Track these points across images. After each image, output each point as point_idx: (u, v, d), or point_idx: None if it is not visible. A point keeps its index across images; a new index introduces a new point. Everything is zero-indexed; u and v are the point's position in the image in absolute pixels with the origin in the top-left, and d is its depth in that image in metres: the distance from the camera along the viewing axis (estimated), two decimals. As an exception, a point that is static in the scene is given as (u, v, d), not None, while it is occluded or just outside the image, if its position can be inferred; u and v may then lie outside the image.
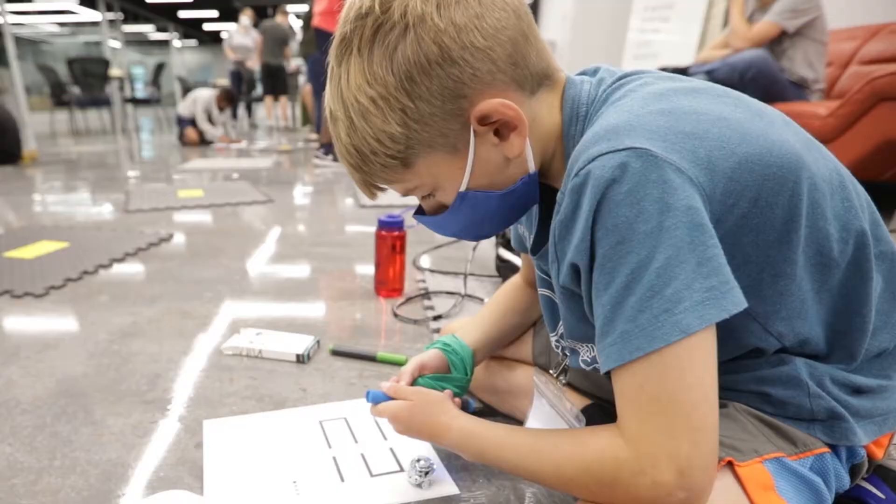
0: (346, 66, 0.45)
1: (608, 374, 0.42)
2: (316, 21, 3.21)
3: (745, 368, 0.48)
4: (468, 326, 0.74)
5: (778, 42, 2.14)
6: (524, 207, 0.53)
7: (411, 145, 0.46)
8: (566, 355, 0.60)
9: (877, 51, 2.22)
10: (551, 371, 0.64)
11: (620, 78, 0.49)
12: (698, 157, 0.40)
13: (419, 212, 0.55)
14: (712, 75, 2.23)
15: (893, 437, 0.53)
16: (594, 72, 0.52)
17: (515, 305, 0.74)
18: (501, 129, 0.46)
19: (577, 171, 0.41)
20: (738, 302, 0.38)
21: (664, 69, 2.40)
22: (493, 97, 0.44)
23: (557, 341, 0.60)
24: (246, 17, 6.31)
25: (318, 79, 3.86)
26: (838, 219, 0.45)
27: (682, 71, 2.42)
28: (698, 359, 0.38)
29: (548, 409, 0.63)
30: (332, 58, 0.46)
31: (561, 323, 0.55)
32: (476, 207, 0.50)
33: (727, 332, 0.44)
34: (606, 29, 4.76)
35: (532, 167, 0.50)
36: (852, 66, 2.31)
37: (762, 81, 2.13)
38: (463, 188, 0.49)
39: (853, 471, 0.49)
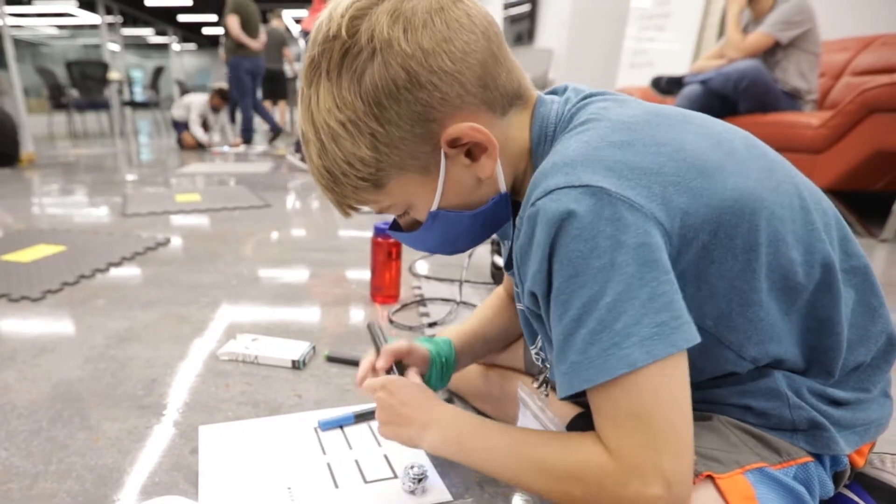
0: (316, 89, 0.45)
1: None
2: (304, 24, 3.23)
3: (726, 383, 0.49)
4: (451, 327, 0.75)
5: (772, 53, 2.17)
6: (496, 225, 0.54)
7: (382, 168, 0.46)
8: (546, 367, 0.61)
9: (868, 62, 2.25)
10: (533, 383, 0.64)
11: (584, 98, 0.50)
12: (654, 192, 0.41)
13: (394, 227, 0.56)
14: (707, 85, 2.26)
15: (874, 446, 0.54)
16: (563, 91, 0.53)
17: (500, 311, 0.75)
18: (472, 150, 0.47)
19: (534, 200, 0.42)
20: (689, 337, 0.39)
21: (660, 78, 2.40)
22: (463, 120, 0.45)
23: (538, 353, 0.61)
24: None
25: None
26: (801, 243, 0.45)
27: (678, 80, 2.45)
28: (670, 378, 0.39)
29: (533, 422, 0.64)
30: (302, 80, 0.47)
31: (540, 336, 0.56)
32: (448, 226, 0.51)
33: (701, 360, 0.45)
34: (603, 37, 4.80)
35: (503, 187, 0.50)
36: (844, 77, 2.34)
37: (755, 91, 2.15)
38: (434, 208, 0.49)
39: (836, 478, 0.50)
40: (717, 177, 0.43)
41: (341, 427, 0.78)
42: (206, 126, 5.06)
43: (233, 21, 4.61)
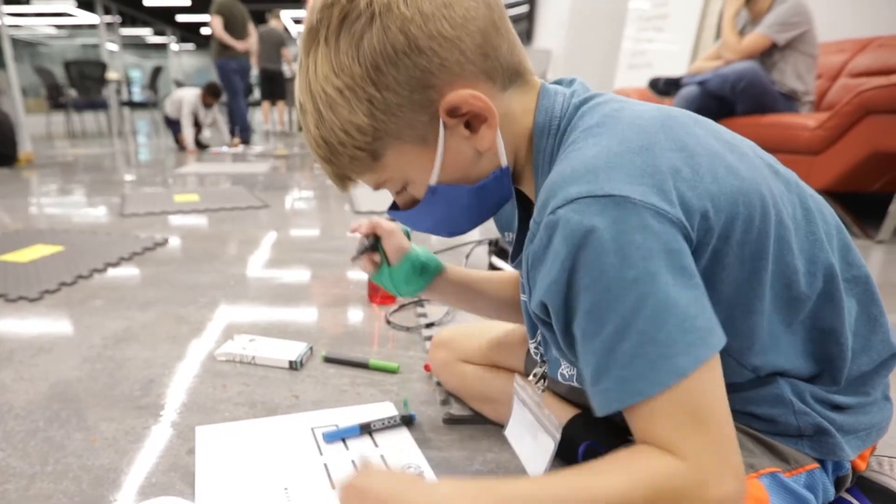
0: (314, 56, 0.44)
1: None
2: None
3: (730, 390, 0.49)
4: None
5: (769, 54, 2.17)
6: (498, 204, 0.53)
7: (379, 136, 0.45)
8: (545, 361, 0.61)
9: (865, 64, 2.26)
10: (532, 377, 0.64)
11: (592, 96, 0.49)
12: (674, 197, 0.40)
13: (393, 207, 0.55)
14: (704, 86, 2.26)
15: (875, 450, 0.54)
16: (570, 83, 0.52)
17: (505, 284, 0.73)
18: (472, 121, 0.46)
19: (554, 208, 0.41)
20: (722, 337, 0.39)
21: (658, 79, 2.40)
22: (463, 88, 0.44)
23: (536, 348, 0.61)
24: None
25: None
26: (804, 253, 0.45)
27: (676, 81, 2.46)
28: (715, 376, 0.39)
29: (528, 417, 0.64)
30: (300, 48, 0.46)
31: (541, 332, 0.56)
32: (448, 202, 0.50)
33: None
34: (601, 38, 4.80)
35: (504, 161, 0.49)
36: (841, 78, 2.35)
37: (753, 93, 2.16)
38: (433, 181, 0.48)
39: (838, 483, 0.50)
40: (731, 181, 0.42)
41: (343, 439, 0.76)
42: (198, 124, 4.98)
43: (216, 22, 4.63)
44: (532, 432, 0.62)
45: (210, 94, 4.85)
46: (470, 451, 0.74)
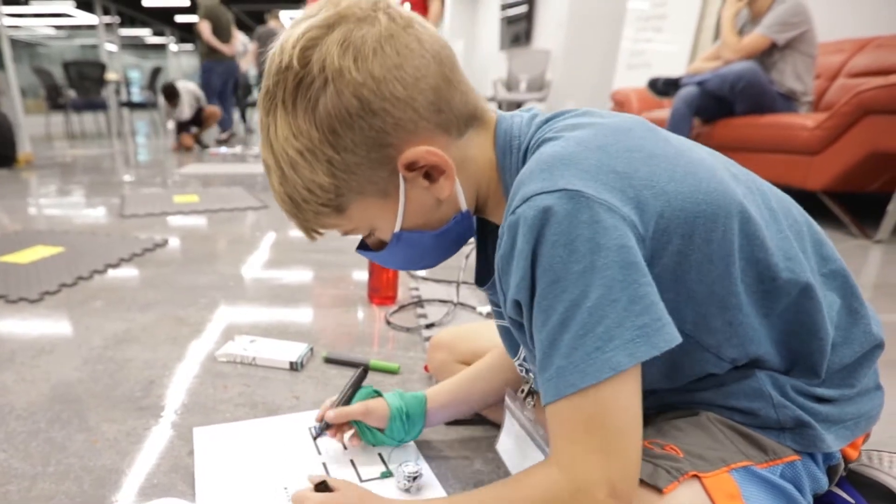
0: (273, 117, 0.46)
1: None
2: None
3: (710, 386, 0.49)
4: (434, 387, 0.74)
5: (768, 54, 2.18)
6: (461, 241, 0.55)
7: (341, 193, 0.47)
8: (531, 377, 0.62)
9: (864, 64, 2.27)
10: (519, 392, 0.65)
11: (555, 115, 0.51)
12: (628, 196, 0.41)
13: (362, 246, 0.57)
14: (703, 86, 2.27)
15: (868, 438, 0.54)
16: (528, 111, 0.54)
17: (490, 376, 0.73)
18: (430, 171, 0.47)
19: (514, 208, 0.43)
20: (669, 339, 0.40)
21: (657, 79, 2.41)
22: (419, 144, 0.45)
23: (521, 365, 0.62)
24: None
25: None
26: (779, 249, 0.46)
27: (675, 81, 2.46)
28: (628, 386, 0.40)
29: (519, 431, 0.64)
30: (259, 108, 0.48)
31: (522, 347, 0.57)
32: (413, 245, 0.52)
33: (681, 362, 0.46)
34: (600, 38, 4.81)
35: (464, 206, 0.51)
36: (840, 78, 2.36)
37: (752, 93, 2.16)
38: (397, 229, 0.50)
39: (831, 472, 0.51)
40: (689, 181, 0.44)
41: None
42: (198, 122, 5.05)
43: (204, 26, 4.77)
44: (522, 447, 0.62)
45: (168, 97, 4.88)
46: (469, 452, 0.74)
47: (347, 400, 0.71)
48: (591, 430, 0.40)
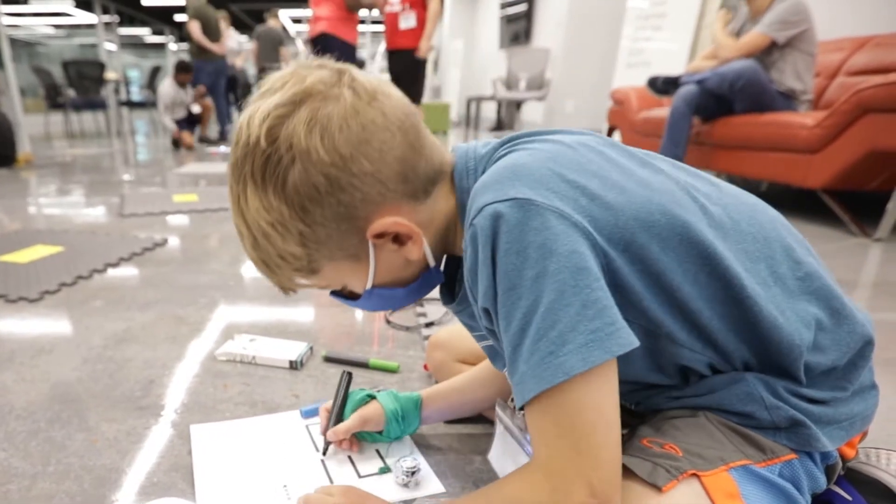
0: (244, 189, 0.47)
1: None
2: (323, 27, 3.21)
3: (703, 391, 0.50)
4: (430, 388, 0.76)
5: (768, 53, 2.17)
6: (431, 288, 0.57)
7: (314, 259, 0.49)
8: None
9: (863, 62, 2.26)
10: (509, 401, 0.65)
11: (515, 137, 0.52)
12: (580, 205, 0.42)
13: (335, 292, 0.58)
14: (703, 85, 2.26)
15: (865, 436, 0.54)
16: (485, 142, 0.55)
17: (480, 384, 0.74)
18: (399, 235, 0.49)
19: (471, 220, 0.44)
20: (624, 343, 0.40)
21: (656, 78, 2.40)
22: (386, 213, 0.47)
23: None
24: (223, 22, 6.40)
25: None
26: (739, 256, 0.47)
27: (674, 80, 2.46)
28: (596, 386, 0.41)
29: (510, 441, 0.64)
30: (229, 177, 0.48)
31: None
32: (384, 297, 0.54)
33: (658, 359, 0.48)
34: (600, 36, 4.81)
35: (432, 262, 0.53)
36: (839, 77, 2.35)
37: (751, 91, 2.16)
38: (368, 286, 0.52)
39: (829, 471, 0.50)
40: (643, 193, 0.45)
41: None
42: (192, 119, 5.07)
43: (194, 26, 4.82)
44: (514, 456, 0.62)
45: (182, 71, 4.96)
46: (468, 451, 0.74)
47: (340, 411, 0.71)
48: (562, 432, 0.41)
